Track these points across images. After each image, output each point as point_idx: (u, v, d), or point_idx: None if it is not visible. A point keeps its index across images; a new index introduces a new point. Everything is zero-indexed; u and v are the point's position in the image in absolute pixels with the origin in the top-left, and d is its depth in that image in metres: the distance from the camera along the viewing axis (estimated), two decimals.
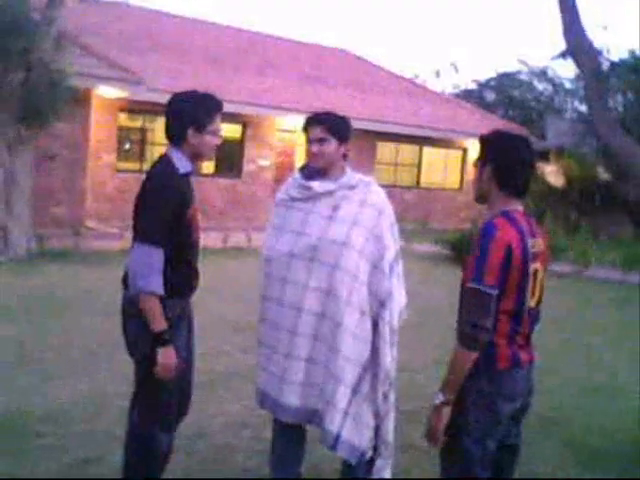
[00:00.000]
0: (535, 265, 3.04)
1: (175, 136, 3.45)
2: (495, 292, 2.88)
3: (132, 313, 3.38)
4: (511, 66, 45.26)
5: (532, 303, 3.07)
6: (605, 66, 16.66)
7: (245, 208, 17.86)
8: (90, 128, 14.45)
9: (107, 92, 14.65)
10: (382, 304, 3.53)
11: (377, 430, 3.61)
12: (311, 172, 3.68)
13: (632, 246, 15.63)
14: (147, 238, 3.28)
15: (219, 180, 17.64)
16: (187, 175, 3.47)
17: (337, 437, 3.48)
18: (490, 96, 32.17)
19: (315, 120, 3.63)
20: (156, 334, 3.29)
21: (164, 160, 3.44)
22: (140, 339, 3.38)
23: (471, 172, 22.31)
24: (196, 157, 3.50)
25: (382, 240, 3.56)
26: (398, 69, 33.68)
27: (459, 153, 22.87)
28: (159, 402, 3.47)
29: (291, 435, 3.81)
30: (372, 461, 3.62)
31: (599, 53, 9.27)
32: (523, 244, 2.96)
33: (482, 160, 3.11)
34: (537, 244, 3.07)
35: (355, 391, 3.50)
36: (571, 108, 31.51)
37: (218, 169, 17.82)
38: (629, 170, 4.54)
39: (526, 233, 3.01)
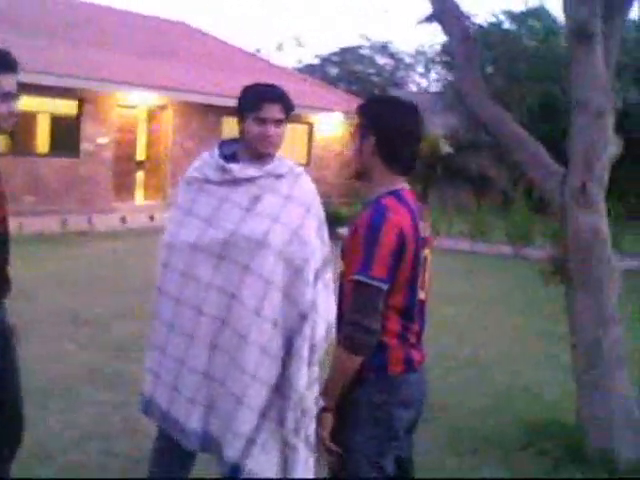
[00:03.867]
0: (425, 252, 2.68)
1: None
2: (386, 286, 2.48)
3: None
4: (353, 41, 45.60)
5: (422, 295, 2.70)
6: (472, 31, 16.89)
7: (84, 189, 16.80)
8: None
9: None
10: (302, 317, 3.00)
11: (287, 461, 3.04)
12: (231, 150, 3.12)
13: (477, 215, 15.95)
14: None
15: (55, 160, 16.47)
16: None
17: (236, 467, 2.92)
18: (333, 71, 32.18)
19: (274, 96, 3.06)
20: None
21: None
22: None
23: (318, 147, 22.24)
24: None
25: (307, 242, 3.04)
26: (240, 43, 33.02)
27: (305, 128, 22.62)
28: None
29: (173, 460, 3.20)
30: None
31: (466, 17, 9.21)
32: (415, 228, 2.58)
33: (362, 131, 2.67)
34: (425, 228, 2.71)
35: (264, 416, 2.96)
36: (411, 82, 32.10)
37: (53, 148, 16.64)
38: (499, 139, 4.46)
39: (416, 216, 2.64)
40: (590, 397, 4.59)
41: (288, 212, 3.04)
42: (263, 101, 3.03)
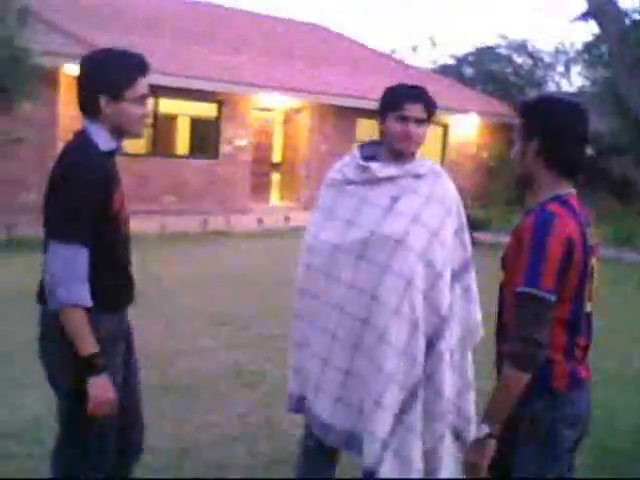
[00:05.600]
0: (592, 261, 2.51)
1: (87, 106, 2.75)
2: (554, 298, 2.33)
3: (52, 334, 2.70)
4: (490, 40, 44.74)
5: (589, 307, 2.53)
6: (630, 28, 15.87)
7: (223, 190, 17.22)
8: (57, 109, 13.75)
9: (76, 70, 13.91)
10: (443, 320, 2.93)
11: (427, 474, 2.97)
12: (371, 152, 3.10)
13: (621, 221, 15.25)
14: (64, 235, 2.59)
15: (195, 161, 16.99)
16: (111, 154, 2.77)
17: (372, 473, 2.86)
18: (469, 71, 31.59)
19: (417, 96, 3.04)
20: (85, 359, 2.62)
21: (80, 136, 2.74)
22: (64, 367, 2.70)
23: (452, 149, 21.89)
24: (119, 132, 2.77)
25: (447, 244, 2.97)
26: (375, 45, 33.00)
27: (440, 130, 22.31)
28: (90, 446, 2.78)
29: (319, 459, 3.20)
30: None
31: (624, 14, 8.69)
32: (583, 237, 2.43)
33: (525, 133, 2.53)
34: (592, 235, 2.54)
35: (399, 419, 2.88)
36: (551, 81, 31.10)
37: (193, 150, 17.19)
38: None
39: (584, 223, 2.48)
40: None
41: (428, 213, 2.96)
42: (405, 100, 2.99)
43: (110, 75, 2.71)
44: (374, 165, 3.01)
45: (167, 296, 8.33)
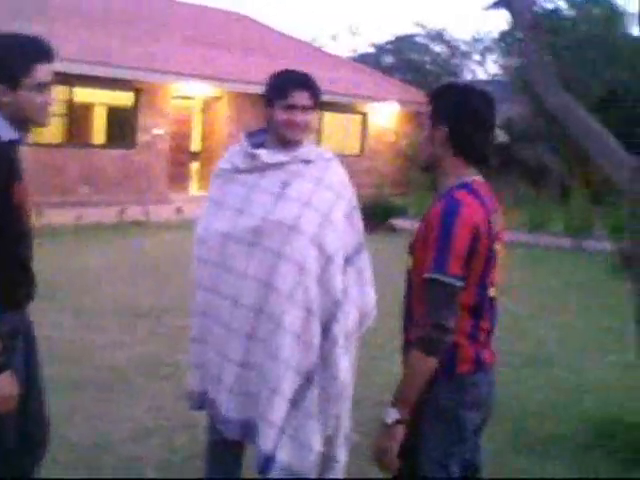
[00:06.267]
0: (497, 247, 2.55)
1: None
2: (462, 284, 2.38)
3: None
4: (408, 29, 45.19)
5: (492, 292, 2.58)
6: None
7: (140, 180, 16.95)
8: None
9: None
10: (336, 304, 2.95)
11: (326, 460, 3.02)
12: (260, 139, 3.08)
13: (535, 207, 15.63)
14: None
15: (112, 151, 16.67)
16: (13, 143, 2.63)
17: (269, 458, 2.87)
18: (388, 60, 31.89)
19: (303, 83, 3.02)
20: None
21: None
22: None
23: (372, 137, 22.04)
24: (21, 121, 2.65)
25: (338, 228, 2.98)
26: (295, 33, 32.94)
27: (359, 118, 22.45)
28: None
29: (225, 453, 3.19)
30: None
31: (534, 2, 8.96)
32: (488, 223, 2.47)
33: (434, 119, 2.56)
34: (498, 219, 2.58)
35: (295, 405, 2.90)
36: (467, 70, 31.63)
37: (110, 139, 16.85)
38: (568, 128, 4.30)
39: (490, 208, 2.52)
40: None
41: (318, 197, 2.97)
42: (291, 88, 2.98)
43: (4, 62, 2.59)
44: (262, 152, 3.00)
45: (84, 289, 8.16)
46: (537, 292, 9.46)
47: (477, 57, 32.85)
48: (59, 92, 14.83)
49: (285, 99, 2.96)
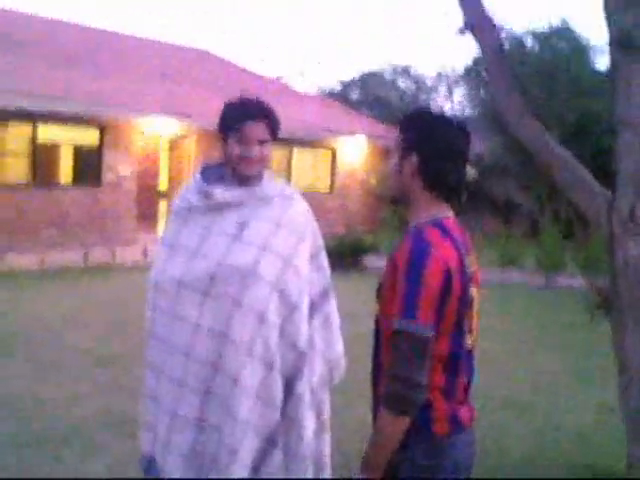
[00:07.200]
0: (472, 291, 2.33)
1: None
2: (432, 334, 2.14)
3: None
4: (375, 65, 45.53)
5: (469, 342, 2.35)
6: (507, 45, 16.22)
7: (107, 221, 16.62)
8: None
9: None
10: (301, 356, 2.68)
11: None
12: (217, 174, 2.83)
13: (505, 243, 15.55)
14: None
15: (76, 192, 16.34)
16: None
17: None
18: (355, 96, 32.01)
19: (257, 113, 2.77)
20: None
21: None
22: None
23: (341, 173, 21.93)
24: None
25: (302, 273, 2.72)
26: (261, 70, 32.98)
27: (328, 154, 22.35)
28: None
29: None
30: None
31: (500, 29, 8.91)
32: (462, 264, 2.25)
33: (404, 148, 2.34)
34: (472, 262, 2.36)
35: (257, 471, 2.63)
36: (434, 105, 31.78)
37: (75, 179, 16.54)
38: (539, 159, 4.19)
39: (462, 249, 2.30)
40: None
41: (279, 239, 2.71)
42: (245, 119, 2.73)
43: None
44: (217, 190, 2.75)
45: (47, 337, 7.84)
46: (512, 332, 9.29)
47: (444, 92, 33.08)
48: (22, 130, 14.56)
49: (238, 132, 2.73)
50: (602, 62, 24.30)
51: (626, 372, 4.29)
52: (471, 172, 22.30)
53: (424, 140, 2.31)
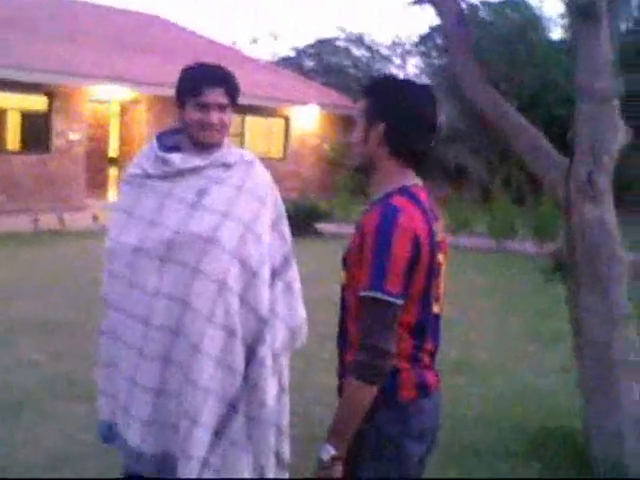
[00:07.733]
0: (439, 258, 2.29)
1: None
2: (401, 302, 2.11)
3: None
4: (329, 33, 45.24)
5: (436, 309, 2.32)
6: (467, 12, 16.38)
7: (56, 187, 16.31)
8: None
9: None
10: (262, 322, 2.63)
11: None
12: (173, 141, 2.74)
13: (457, 209, 15.67)
14: None
15: (26, 157, 16.00)
16: None
17: None
18: (309, 64, 31.75)
19: (217, 79, 2.67)
20: None
21: None
22: None
23: (294, 140, 21.83)
24: None
25: (263, 239, 2.67)
26: (215, 37, 32.52)
27: (281, 121, 22.22)
28: None
29: None
30: None
31: None
32: (430, 232, 2.20)
33: (369, 116, 2.27)
34: (439, 228, 2.32)
35: (220, 434, 2.59)
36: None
37: (24, 145, 16.17)
38: (497, 127, 4.20)
39: (431, 216, 2.26)
40: (598, 404, 4.27)
41: (240, 205, 2.65)
42: (204, 84, 2.64)
43: None
44: (174, 156, 2.67)
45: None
46: (463, 294, 9.34)
47: (397, 61, 32.98)
48: None
49: (197, 97, 2.64)
50: (556, 33, 24.55)
51: (581, 334, 4.35)
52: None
53: (391, 107, 2.25)
